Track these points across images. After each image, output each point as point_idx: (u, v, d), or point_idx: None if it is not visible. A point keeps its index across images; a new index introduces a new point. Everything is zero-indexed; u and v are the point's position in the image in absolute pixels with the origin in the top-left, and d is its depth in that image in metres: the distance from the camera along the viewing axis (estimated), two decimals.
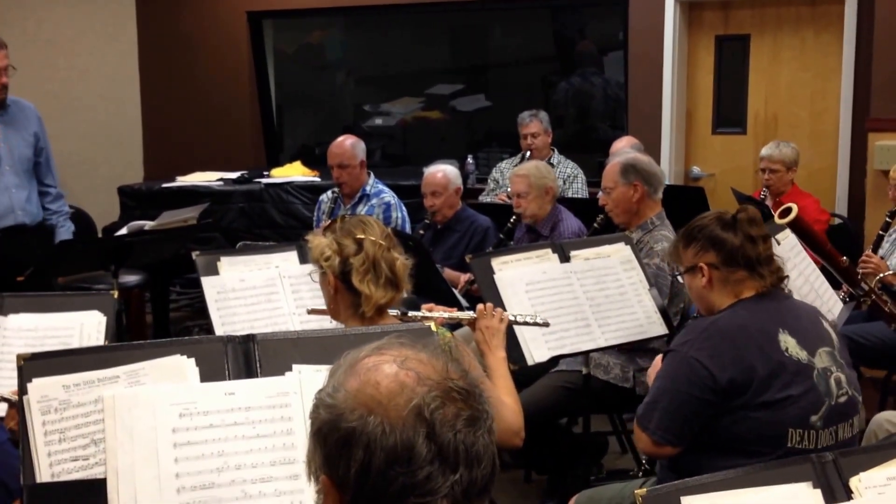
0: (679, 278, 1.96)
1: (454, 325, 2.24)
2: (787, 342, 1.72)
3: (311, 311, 1.91)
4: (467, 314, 1.95)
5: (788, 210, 2.21)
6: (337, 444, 0.81)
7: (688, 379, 1.70)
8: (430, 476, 0.79)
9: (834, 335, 1.82)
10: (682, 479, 1.30)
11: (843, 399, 1.73)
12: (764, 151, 3.77)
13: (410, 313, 1.84)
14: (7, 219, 3.11)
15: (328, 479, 0.83)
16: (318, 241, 1.74)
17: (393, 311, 1.78)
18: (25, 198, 3.15)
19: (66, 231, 3.28)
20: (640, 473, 2.16)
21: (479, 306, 1.95)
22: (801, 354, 1.72)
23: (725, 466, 1.49)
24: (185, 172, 4.85)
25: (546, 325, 2.08)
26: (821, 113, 4.35)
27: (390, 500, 0.79)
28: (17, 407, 1.28)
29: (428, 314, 1.88)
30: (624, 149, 3.54)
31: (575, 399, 2.52)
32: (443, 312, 1.92)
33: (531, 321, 2.05)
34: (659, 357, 1.92)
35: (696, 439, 1.72)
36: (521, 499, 2.89)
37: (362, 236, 1.70)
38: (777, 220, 2.21)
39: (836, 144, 4.25)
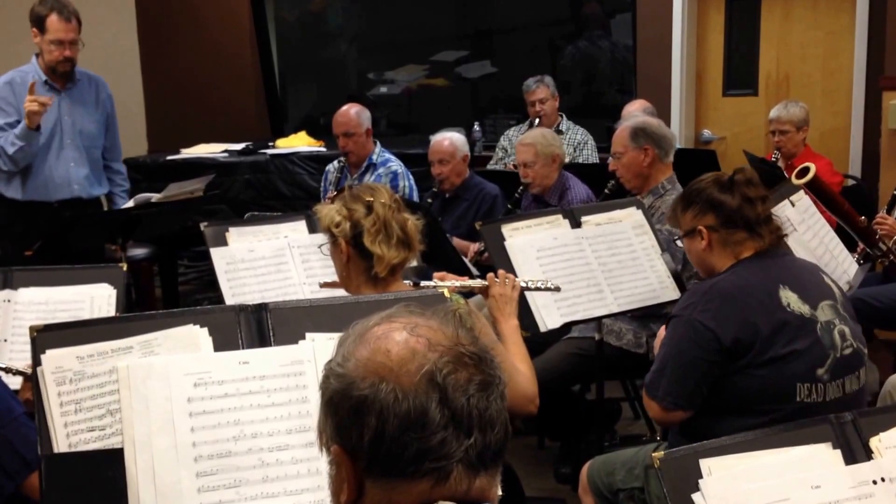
0: (678, 242, 1.94)
1: (466, 294, 2.22)
2: (789, 297, 1.71)
3: (324, 285, 1.90)
4: (479, 282, 1.94)
5: (806, 170, 2.17)
6: (349, 413, 0.81)
7: (692, 342, 1.70)
8: (444, 441, 0.79)
9: (836, 288, 1.81)
10: (694, 442, 1.29)
11: (848, 351, 1.73)
12: (772, 113, 3.71)
13: (423, 283, 1.83)
14: (63, 191, 3.09)
15: (340, 448, 0.83)
16: (327, 209, 1.72)
17: (406, 281, 1.77)
18: (85, 174, 3.12)
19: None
20: (658, 437, 2.16)
21: (490, 274, 1.94)
22: (804, 309, 1.71)
23: (737, 427, 1.49)
24: (189, 144, 4.81)
25: (557, 289, 2.07)
26: (834, 72, 4.27)
27: (405, 465, 0.79)
28: (32, 379, 1.28)
29: (440, 283, 1.86)
30: (635, 112, 3.49)
31: (588, 365, 2.52)
32: (454, 281, 1.91)
33: (542, 286, 2.04)
34: (664, 326, 1.91)
35: (706, 402, 1.72)
36: (535, 465, 2.90)
37: (371, 199, 1.68)
38: (794, 181, 2.18)
39: (849, 104, 4.18)
